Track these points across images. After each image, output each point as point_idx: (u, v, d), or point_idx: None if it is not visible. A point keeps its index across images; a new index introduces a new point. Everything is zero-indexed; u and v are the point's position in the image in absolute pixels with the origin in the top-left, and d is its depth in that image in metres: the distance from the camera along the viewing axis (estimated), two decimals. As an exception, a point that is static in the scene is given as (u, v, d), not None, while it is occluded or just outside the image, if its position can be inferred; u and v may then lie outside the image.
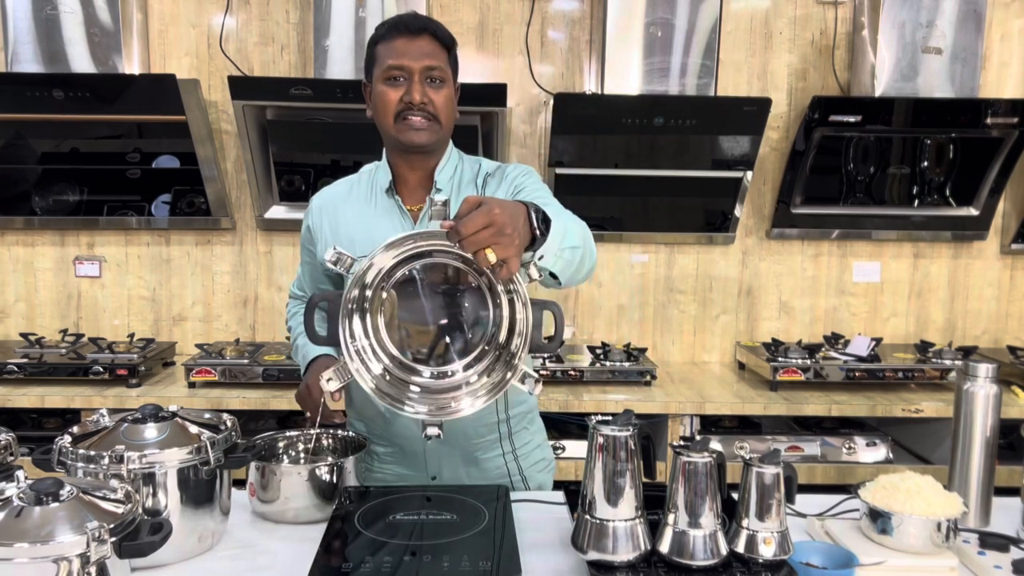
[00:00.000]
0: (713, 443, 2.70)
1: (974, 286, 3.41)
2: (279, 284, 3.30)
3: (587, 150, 3.06)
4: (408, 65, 1.59)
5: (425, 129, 1.61)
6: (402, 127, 1.62)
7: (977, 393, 1.62)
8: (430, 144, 1.64)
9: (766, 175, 3.30)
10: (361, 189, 1.74)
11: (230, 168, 3.23)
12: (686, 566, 1.28)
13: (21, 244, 3.27)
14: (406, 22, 1.61)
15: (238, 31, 3.17)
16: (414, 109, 1.60)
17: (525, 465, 1.81)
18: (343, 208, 1.73)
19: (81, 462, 1.37)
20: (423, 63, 1.59)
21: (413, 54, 1.59)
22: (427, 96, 1.60)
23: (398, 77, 1.60)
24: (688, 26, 2.92)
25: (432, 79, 1.60)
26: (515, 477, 1.79)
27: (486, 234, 1.16)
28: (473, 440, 1.74)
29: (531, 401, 1.84)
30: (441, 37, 1.62)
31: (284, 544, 1.49)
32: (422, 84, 1.59)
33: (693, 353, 3.41)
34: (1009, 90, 3.27)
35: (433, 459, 1.74)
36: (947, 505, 1.43)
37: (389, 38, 1.61)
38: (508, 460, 1.78)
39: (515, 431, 1.79)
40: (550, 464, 1.88)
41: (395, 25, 1.61)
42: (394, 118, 1.62)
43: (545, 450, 1.88)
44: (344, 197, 1.74)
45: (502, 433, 1.77)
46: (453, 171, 1.72)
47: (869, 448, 2.86)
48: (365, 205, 1.71)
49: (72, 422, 2.13)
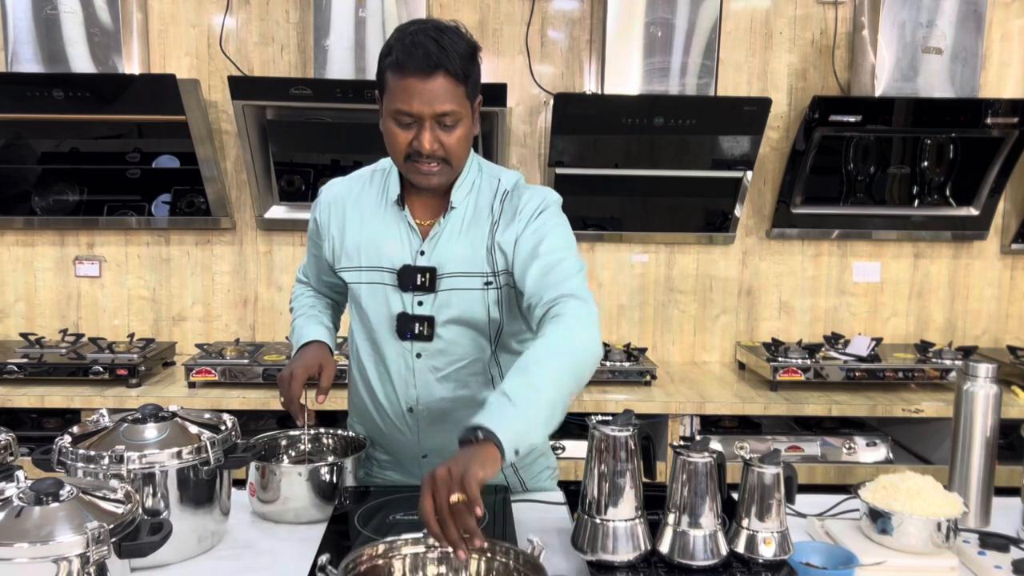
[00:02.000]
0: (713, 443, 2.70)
1: (974, 286, 3.41)
2: (279, 284, 3.30)
3: (587, 150, 3.06)
4: (418, 111, 1.46)
5: (435, 174, 1.53)
6: (411, 169, 1.54)
7: (977, 393, 1.62)
8: (441, 186, 1.58)
9: (766, 175, 3.30)
10: (372, 191, 1.67)
11: (230, 168, 3.23)
12: (686, 566, 1.28)
13: (21, 244, 3.27)
14: (417, 61, 1.44)
15: (238, 31, 3.17)
16: (424, 156, 1.50)
17: (527, 477, 1.78)
18: (352, 210, 1.67)
19: (81, 462, 1.37)
20: (434, 109, 1.46)
21: (424, 99, 1.45)
22: (438, 141, 1.49)
23: (408, 122, 1.49)
24: (688, 26, 2.92)
25: (444, 123, 1.49)
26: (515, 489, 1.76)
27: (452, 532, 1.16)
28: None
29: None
30: (455, 71, 1.46)
31: (284, 544, 1.49)
32: (433, 130, 1.48)
33: (693, 353, 3.40)
34: (1009, 90, 3.27)
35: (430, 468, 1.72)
36: (947, 505, 1.43)
37: (399, 74, 1.46)
38: (508, 473, 1.75)
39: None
40: (554, 472, 1.85)
41: (404, 62, 1.45)
42: (404, 159, 1.53)
43: (548, 458, 1.85)
44: (355, 197, 1.68)
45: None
46: (471, 187, 1.63)
47: (869, 448, 2.86)
48: (375, 211, 1.65)
49: (72, 422, 2.13)
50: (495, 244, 1.59)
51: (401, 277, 1.60)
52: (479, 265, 1.60)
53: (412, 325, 1.61)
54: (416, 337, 1.62)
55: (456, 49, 1.47)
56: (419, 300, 1.61)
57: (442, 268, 1.60)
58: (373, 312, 1.65)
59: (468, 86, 1.50)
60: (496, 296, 1.61)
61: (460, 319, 1.61)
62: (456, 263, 1.60)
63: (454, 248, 1.60)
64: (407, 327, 1.61)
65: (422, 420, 1.67)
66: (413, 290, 1.60)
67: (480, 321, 1.62)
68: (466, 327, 1.62)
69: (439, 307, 1.61)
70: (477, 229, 1.61)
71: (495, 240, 1.59)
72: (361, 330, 1.70)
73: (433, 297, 1.60)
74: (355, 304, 1.69)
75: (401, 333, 1.63)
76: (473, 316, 1.62)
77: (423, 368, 1.64)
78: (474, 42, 1.54)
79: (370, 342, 1.68)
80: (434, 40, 1.46)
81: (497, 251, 1.59)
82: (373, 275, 1.64)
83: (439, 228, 1.61)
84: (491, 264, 1.60)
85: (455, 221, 1.61)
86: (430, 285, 1.59)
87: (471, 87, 1.52)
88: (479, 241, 1.60)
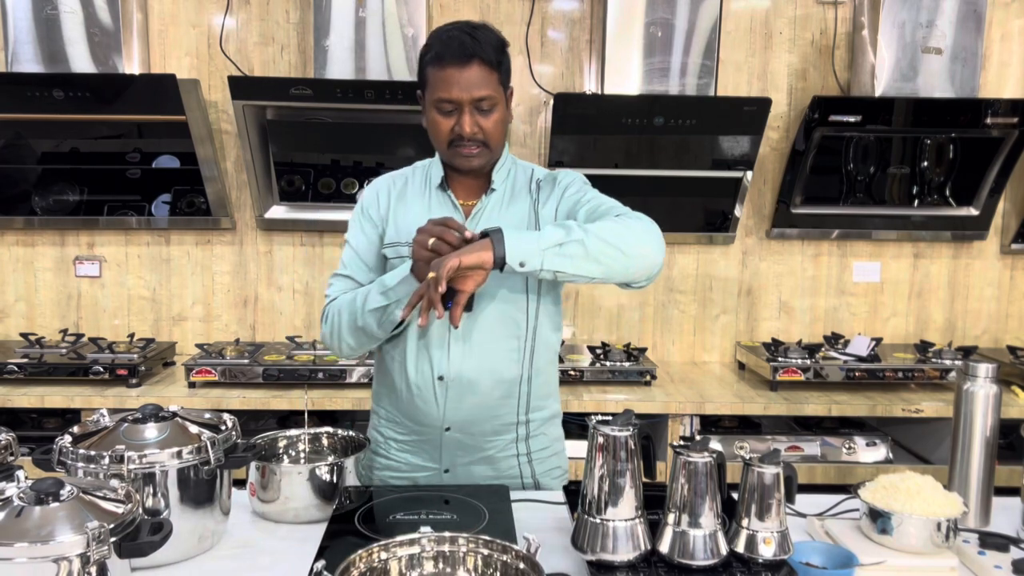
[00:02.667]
0: (713, 443, 2.70)
1: (974, 286, 3.41)
2: (279, 284, 3.31)
3: (587, 150, 3.06)
4: (457, 97, 1.62)
5: (476, 156, 1.68)
6: (454, 154, 1.68)
7: (977, 393, 1.62)
8: (481, 168, 1.72)
9: (766, 175, 3.30)
10: (415, 181, 1.80)
11: (230, 168, 3.23)
12: (686, 566, 1.28)
13: (21, 244, 3.27)
14: (454, 51, 1.61)
15: (238, 31, 3.17)
16: (465, 140, 1.65)
17: (539, 470, 1.81)
18: (397, 197, 1.78)
19: (81, 462, 1.37)
20: (472, 95, 1.62)
21: (462, 85, 1.61)
22: (477, 125, 1.65)
23: (449, 109, 1.64)
24: (688, 26, 2.92)
25: (481, 108, 1.64)
26: (527, 480, 1.80)
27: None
28: (490, 438, 1.76)
29: (553, 408, 1.85)
30: (489, 59, 1.62)
31: (284, 544, 1.49)
32: (472, 115, 1.64)
33: (693, 353, 3.41)
34: (1009, 90, 3.27)
35: (448, 451, 1.76)
36: (947, 505, 1.43)
37: (438, 66, 1.62)
38: (522, 462, 1.79)
39: (533, 435, 1.80)
40: (564, 473, 1.88)
41: (442, 55, 1.61)
42: (447, 145, 1.68)
43: (561, 458, 1.88)
44: (400, 187, 1.80)
45: (519, 435, 1.78)
46: (507, 172, 1.78)
47: (869, 448, 2.86)
48: (419, 197, 1.77)
49: (72, 422, 2.13)
50: (537, 218, 1.73)
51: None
52: None
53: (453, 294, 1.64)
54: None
55: (488, 41, 1.64)
56: None
57: None
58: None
59: (501, 73, 1.67)
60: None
61: (499, 291, 1.69)
62: None
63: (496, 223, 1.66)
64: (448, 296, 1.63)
65: (451, 389, 1.70)
66: None
67: (518, 295, 1.71)
68: (504, 301, 1.70)
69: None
70: (517, 207, 1.75)
71: (537, 215, 1.73)
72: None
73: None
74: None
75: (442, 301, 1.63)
76: (512, 289, 1.70)
77: (458, 337, 1.69)
78: (503, 37, 1.70)
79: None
80: (468, 34, 1.62)
81: (539, 224, 1.71)
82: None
83: (481, 205, 1.74)
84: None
85: (496, 200, 1.75)
86: None
87: (503, 75, 1.68)
88: (521, 217, 1.73)
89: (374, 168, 3.15)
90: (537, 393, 1.78)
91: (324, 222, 3.19)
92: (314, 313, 3.32)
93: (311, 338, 3.20)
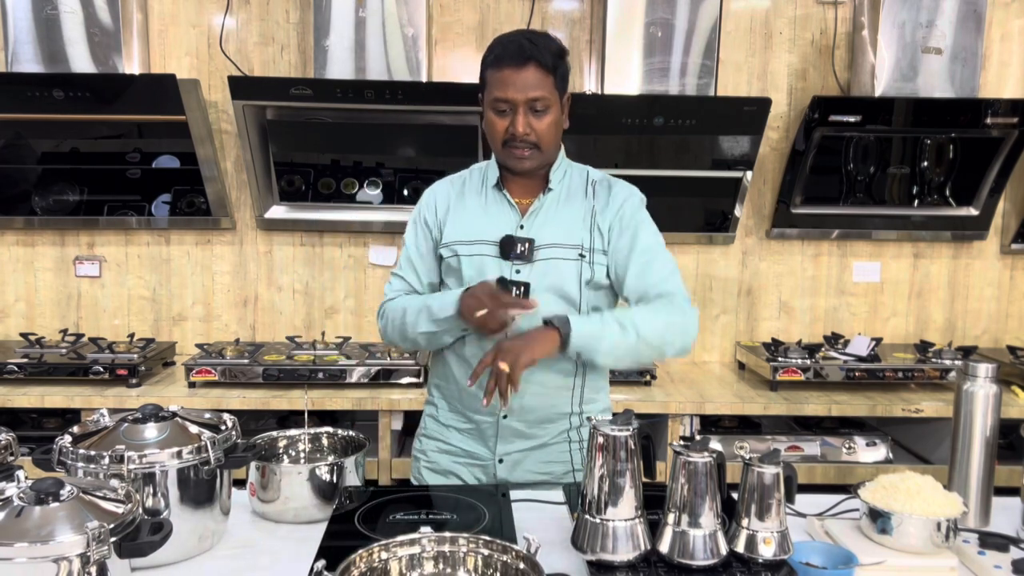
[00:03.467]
0: (713, 443, 2.70)
1: (974, 286, 3.41)
2: (279, 284, 3.31)
3: (587, 150, 3.05)
4: (513, 98, 1.69)
5: (528, 157, 1.74)
6: (508, 154, 1.75)
7: (977, 393, 1.62)
8: (534, 169, 1.78)
9: (766, 175, 3.30)
10: (472, 183, 1.86)
11: (230, 168, 3.23)
12: (686, 566, 1.28)
13: (21, 244, 3.27)
14: (511, 54, 1.68)
15: (238, 31, 3.17)
16: (517, 140, 1.71)
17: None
18: (456, 199, 1.84)
19: (81, 462, 1.37)
20: (527, 95, 1.68)
21: (518, 86, 1.68)
22: (530, 126, 1.71)
23: (504, 109, 1.71)
24: (688, 26, 2.92)
25: (536, 109, 1.70)
26: (578, 469, 1.83)
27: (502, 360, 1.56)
28: (545, 426, 1.81)
29: (604, 402, 1.90)
30: (546, 63, 1.68)
31: (284, 544, 1.50)
32: (526, 115, 1.70)
33: (693, 353, 3.40)
34: (1009, 90, 3.27)
35: (504, 439, 1.81)
36: (947, 505, 1.43)
37: (497, 67, 1.70)
38: (574, 450, 1.84)
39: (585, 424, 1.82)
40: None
41: (501, 57, 1.69)
42: (502, 144, 1.74)
43: None
44: (458, 189, 1.86)
45: (572, 424, 1.83)
46: (564, 173, 1.84)
47: (869, 448, 2.86)
48: (476, 196, 1.84)
49: (72, 422, 2.13)
50: (595, 224, 1.78)
51: (503, 246, 1.76)
52: (575, 238, 1.77)
53: (510, 289, 1.73)
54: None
55: (546, 46, 1.70)
56: (517, 268, 1.76)
57: (540, 240, 1.76)
58: (473, 282, 1.74)
59: (557, 78, 1.72)
60: (589, 270, 1.76)
61: (554, 287, 1.75)
62: (553, 235, 1.77)
63: (552, 222, 1.79)
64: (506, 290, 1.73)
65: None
66: (513, 259, 1.75)
67: (572, 291, 1.76)
68: (558, 296, 1.76)
69: (536, 275, 1.75)
70: (573, 207, 1.81)
71: (595, 221, 1.79)
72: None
73: (530, 267, 1.75)
74: (452, 278, 1.82)
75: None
76: (565, 285, 1.76)
77: (515, 330, 1.70)
78: (563, 45, 1.75)
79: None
80: (527, 39, 1.70)
81: (595, 231, 1.78)
82: (474, 247, 1.78)
83: (538, 204, 1.80)
84: (589, 240, 1.77)
85: (552, 199, 1.81)
86: (528, 254, 1.75)
87: (559, 79, 1.73)
88: (576, 218, 1.79)
89: (374, 168, 3.15)
90: (591, 386, 1.84)
91: (324, 222, 3.19)
92: (314, 313, 3.32)
93: (311, 338, 3.20)
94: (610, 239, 1.79)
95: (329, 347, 3.05)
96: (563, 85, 1.75)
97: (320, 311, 3.32)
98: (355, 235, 3.27)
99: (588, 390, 1.83)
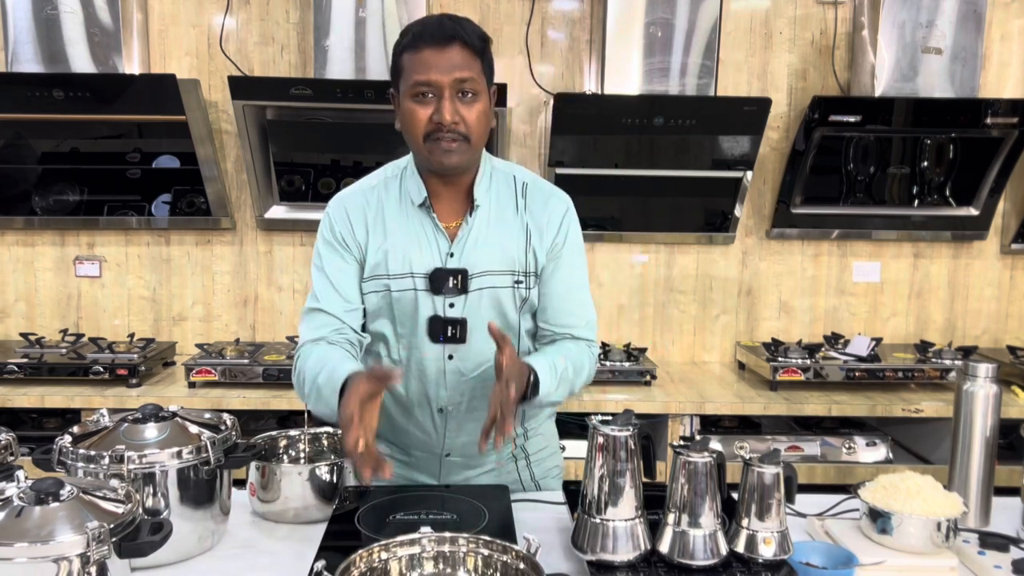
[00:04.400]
0: (713, 443, 2.70)
1: (974, 286, 3.41)
2: (279, 284, 3.30)
3: (587, 150, 3.06)
4: (436, 80, 1.48)
5: (456, 151, 1.52)
6: (432, 148, 1.52)
7: (977, 393, 1.62)
8: (462, 165, 1.56)
9: (766, 175, 3.30)
10: (390, 198, 1.64)
11: (230, 168, 3.23)
12: (686, 566, 1.28)
13: (21, 244, 3.27)
14: (432, 31, 1.48)
15: (238, 31, 3.17)
16: (444, 130, 1.50)
17: (539, 472, 1.79)
18: (375, 221, 1.63)
19: (81, 462, 1.37)
20: (453, 76, 1.48)
21: (442, 67, 1.47)
22: (458, 114, 1.50)
23: (426, 93, 1.49)
24: (688, 26, 2.92)
25: (464, 92, 1.50)
26: (527, 484, 1.78)
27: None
28: (490, 453, 1.72)
29: (547, 409, 1.81)
30: (472, 43, 1.50)
31: (284, 544, 1.49)
32: (452, 101, 1.49)
33: (693, 353, 3.40)
34: (1009, 90, 3.27)
35: (447, 470, 1.74)
36: (947, 505, 1.43)
37: (415, 48, 1.49)
38: (521, 467, 1.77)
39: (531, 437, 1.79)
40: (561, 471, 1.87)
41: (420, 34, 1.49)
42: (424, 138, 1.52)
43: (557, 457, 1.86)
44: (374, 205, 1.64)
45: (518, 442, 1.76)
46: (489, 184, 1.64)
47: (869, 448, 2.86)
48: (397, 216, 1.62)
49: (72, 422, 2.13)
50: (530, 246, 1.63)
51: (433, 281, 1.59)
52: (508, 263, 1.62)
53: (444, 328, 1.60)
54: (448, 340, 1.61)
55: (471, 28, 1.52)
56: (451, 303, 1.61)
57: (472, 269, 1.60)
58: (404, 318, 1.62)
59: (484, 63, 1.53)
60: (524, 295, 1.64)
61: (492, 317, 1.62)
62: (487, 261, 1.61)
63: (483, 245, 1.62)
64: (440, 330, 1.61)
65: (450, 420, 1.67)
66: (445, 293, 1.60)
67: (511, 318, 1.65)
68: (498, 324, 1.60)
69: (471, 308, 1.61)
70: (504, 225, 1.63)
71: (530, 242, 1.63)
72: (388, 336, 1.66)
73: (464, 299, 1.60)
74: (381, 313, 1.64)
75: (433, 336, 1.62)
76: (504, 313, 1.64)
77: (454, 369, 1.63)
78: (486, 33, 1.57)
79: (399, 348, 1.66)
80: (448, 18, 1.52)
81: (531, 254, 1.63)
82: (403, 282, 1.60)
83: (466, 228, 1.61)
84: (524, 263, 1.63)
85: (481, 220, 1.62)
86: (462, 287, 1.59)
87: (487, 66, 1.54)
88: (509, 237, 1.63)
89: (374, 168, 3.14)
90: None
91: (324, 222, 3.19)
92: (314, 313, 3.31)
93: (311, 338, 3.20)
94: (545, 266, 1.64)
95: (329, 347, 3.04)
96: (490, 73, 1.55)
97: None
98: (355, 235, 3.27)
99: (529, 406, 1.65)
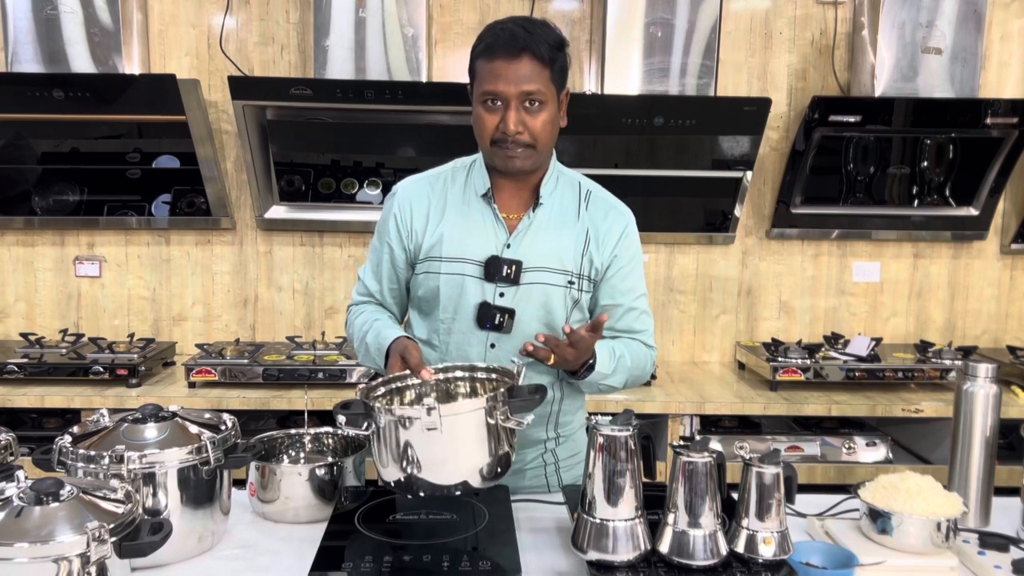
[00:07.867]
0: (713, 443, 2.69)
1: (974, 286, 3.41)
2: (279, 284, 3.30)
3: (587, 150, 3.06)
4: (503, 91, 1.54)
5: (519, 156, 1.58)
6: (497, 153, 1.59)
7: (977, 393, 1.62)
8: (526, 168, 1.61)
9: (766, 175, 3.30)
10: (455, 187, 1.69)
11: (230, 168, 3.23)
12: (686, 566, 1.28)
13: (21, 244, 3.27)
14: (504, 41, 1.53)
15: (238, 31, 3.17)
16: (508, 139, 1.56)
17: (567, 478, 1.78)
18: (435, 205, 1.68)
19: (81, 462, 1.37)
20: (520, 88, 1.53)
21: (510, 78, 1.53)
22: (523, 124, 1.55)
23: (495, 101, 1.55)
24: (688, 26, 2.92)
25: (530, 103, 1.55)
26: (554, 489, 1.76)
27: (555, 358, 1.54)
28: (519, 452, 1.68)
29: (581, 419, 1.81)
30: (542, 54, 1.53)
31: (284, 544, 1.49)
32: (518, 111, 1.54)
33: (693, 353, 3.40)
34: (1009, 90, 3.27)
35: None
36: (947, 505, 1.43)
37: (488, 57, 1.55)
38: (549, 472, 1.77)
39: (561, 442, 1.78)
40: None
41: (492, 45, 1.54)
42: (490, 143, 1.59)
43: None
44: (438, 192, 1.69)
45: (547, 447, 1.76)
46: (555, 184, 1.69)
47: (869, 448, 2.86)
48: (459, 205, 1.67)
49: (72, 422, 2.13)
50: (587, 252, 1.67)
51: (488, 268, 1.62)
52: (565, 263, 1.65)
53: (492, 315, 1.62)
54: (495, 328, 1.63)
55: (544, 36, 1.55)
56: (501, 291, 1.63)
57: (528, 262, 1.63)
58: (450, 303, 1.64)
59: (554, 71, 1.56)
60: (576, 296, 1.66)
61: (540, 314, 1.64)
62: (543, 258, 1.64)
63: (541, 243, 1.65)
64: (487, 316, 1.63)
65: None
66: (498, 281, 1.62)
67: (558, 317, 1.65)
68: (542, 324, 1.65)
69: (521, 300, 1.63)
70: (565, 229, 1.67)
71: (588, 248, 1.67)
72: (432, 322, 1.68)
73: (515, 290, 1.63)
74: (426, 298, 1.68)
75: (480, 322, 1.64)
76: (552, 311, 1.65)
77: (494, 359, 1.64)
78: (563, 36, 1.60)
79: (441, 333, 1.67)
80: (522, 27, 1.55)
81: (588, 260, 1.67)
82: (454, 266, 1.64)
83: (527, 222, 1.65)
84: (579, 267, 1.66)
85: (542, 217, 1.67)
86: (515, 277, 1.62)
87: (557, 73, 1.58)
88: (567, 241, 1.66)
89: (374, 168, 3.15)
90: (567, 409, 1.76)
91: (324, 222, 3.19)
92: (314, 313, 3.32)
93: (311, 338, 3.20)
94: (604, 275, 1.69)
95: (329, 347, 3.05)
96: (561, 79, 1.60)
97: (320, 311, 3.32)
98: (355, 235, 3.27)
99: (564, 413, 1.75)
